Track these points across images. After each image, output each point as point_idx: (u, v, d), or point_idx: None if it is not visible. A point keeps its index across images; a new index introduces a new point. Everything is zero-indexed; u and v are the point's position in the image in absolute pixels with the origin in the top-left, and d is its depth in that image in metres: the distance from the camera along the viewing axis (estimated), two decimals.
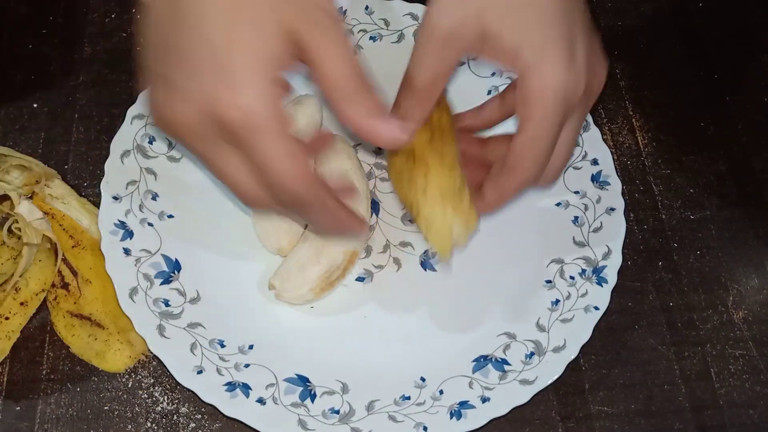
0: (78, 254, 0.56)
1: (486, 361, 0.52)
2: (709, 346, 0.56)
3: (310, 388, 0.51)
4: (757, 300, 0.58)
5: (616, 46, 0.68)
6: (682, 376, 0.55)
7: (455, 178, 0.48)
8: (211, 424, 0.51)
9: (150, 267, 0.54)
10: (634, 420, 0.53)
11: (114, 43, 0.66)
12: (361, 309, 0.55)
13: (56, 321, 0.54)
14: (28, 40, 0.65)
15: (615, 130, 0.64)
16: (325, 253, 0.53)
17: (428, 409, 0.50)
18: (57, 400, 0.52)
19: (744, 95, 0.67)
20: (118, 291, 0.52)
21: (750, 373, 0.55)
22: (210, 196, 0.58)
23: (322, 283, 0.53)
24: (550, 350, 0.52)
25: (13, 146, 0.60)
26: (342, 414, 0.50)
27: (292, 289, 0.53)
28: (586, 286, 0.55)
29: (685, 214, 0.61)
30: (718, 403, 0.54)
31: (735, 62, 0.68)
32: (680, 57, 0.68)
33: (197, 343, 0.51)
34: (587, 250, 0.56)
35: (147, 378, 0.53)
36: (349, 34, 0.41)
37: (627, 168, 0.63)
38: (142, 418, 0.52)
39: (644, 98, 0.66)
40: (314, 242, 0.53)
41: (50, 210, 0.57)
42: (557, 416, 0.53)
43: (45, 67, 0.64)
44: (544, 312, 0.54)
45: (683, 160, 0.63)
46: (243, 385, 0.50)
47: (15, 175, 0.57)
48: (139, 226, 0.55)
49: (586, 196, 0.58)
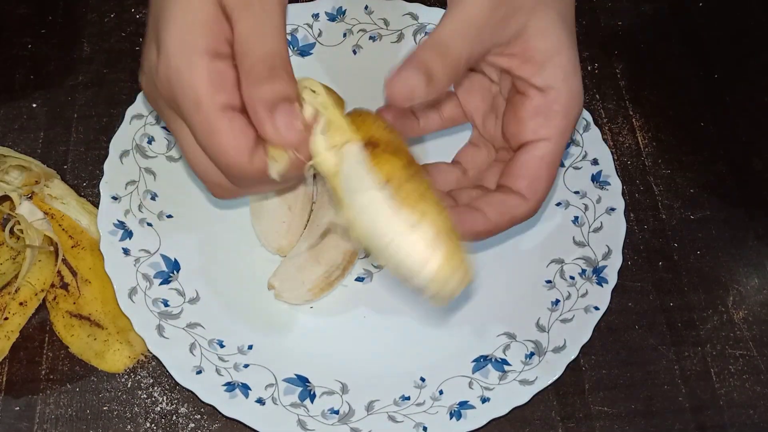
0: (77, 254, 0.56)
1: (486, 361, 0.52)
2: (709, 347, 0.56)
3: (310, 388, 0.51)
4: (757, 300, 0.58)
5: (616, 46, 0.68)
6: (682, 376, 0.55)
7: (446, 213, 0.41)
8: (210, 424, 0.51)
9: (149, 267, 0.54)
10: (634, 420, 0.53)
11: (113, 43, 0.66)
12: (361, 309, 0.55)
13: (55, 321, 0.54)
14: (27, 40, 0.65)
15: (615, 130, 0.64)
16: (325, 253, 0.53)
17: (428, 410, 0.50)
18: (56, 401, 0.52)
19: (744, 95, 0.67)
20: (117, 291, 0.52)
21: (750, 374, 0.55)
22: (209, 196, 0.58)
23: (321, 283, 0.53)
24: (550, 350, 0.52)
25: (12, 146, 0.60)
26: (341, 414, 0.50)
27: (292, 289, 0.53)
28: (586, 286, 0.54)
29: (686, 214, 0.61)
30: (718, 403, 0.54)
31: (735, 62, 0.68)
32: (680, 57, 0.68)
33: (196, 344, 0.51)
34: (587, 250, 0.56)
35: (146, 378, 0.53)
36: (279, 16, 0.40)
37: (627, 168, 0.63)
38: (141, 418, 0.51)
39: (644, 98, 0.66)
40: (314, 242, 0.53)
41: (49, 210, 0.57)
42: (557, 416, 0.53)
43: (44, 67, 0.64)
44: (544, 312, 0.54)
45: (683, 160, 0.63)
46: (242, 385, 0.50)
47: (14, 176, 0.57)
48: (139, 226, 0.55)
49: (586, 196, 0.58)
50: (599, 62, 0.68)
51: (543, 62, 0.43)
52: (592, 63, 0.67)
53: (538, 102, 0.44)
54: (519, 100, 0.45)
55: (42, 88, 0.63)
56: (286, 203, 0.55)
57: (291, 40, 0.63)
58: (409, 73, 0.40)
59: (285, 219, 0.54)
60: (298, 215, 0.55)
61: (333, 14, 0.64)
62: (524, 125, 0.44)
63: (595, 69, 0.67)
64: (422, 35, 0.64)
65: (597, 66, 0.67)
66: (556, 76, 0.43)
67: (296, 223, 0.55)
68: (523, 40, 0.43)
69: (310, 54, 0.64)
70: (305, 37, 0.64)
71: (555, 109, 0.44)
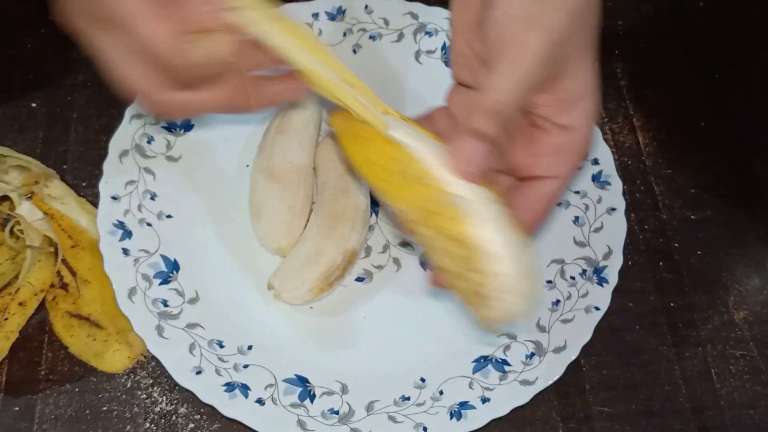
0: (77, 254, 0.56)
1: (486, 361, 0.52)
2: (710, 347, 0.56)
3: (310, 388, 0.51)
4: (758, 300, 0.58)
5: (616, 46, 0.68)
6: (682, 376, 0.55)
7: None
8: (210, 424, 0.51)
9: (149, 267, 0.53)
10: (634, 420, 0.53)
11: None
12: (361, 309, 0.55)
13: (55, 321, 0.54)
14: (27, 40, 0.65)
15: (615, 130, 0.64)
16: (324, 254, 0.53)
17: (428, 410, 0.50)
18: (56, 401, 0.52)
19: (744, 95, 0.67)
20: (116, 291, 0.52)
21: (751, 374, 0.55)
22: (209, 196, 0.58)
23: (321, 283, 0.53)
24: (550, 351, 0.52)
25: (12, 146, 0.60)
26: (341, 414, 0.50)
27: (291, 289, 0.52)
28: (587, 286, 0.54)
29: (686, 214, 0.61)
30: (719, 403, 0.54)
31: (735, 62, 0.68)
32: (680, 57, 0.68)
33: (196, 344, 0.51)
34: (588, 250, 0.56)
35: (146, 378, 0.53)
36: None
37: (628, 168, 0.63)
38: (140, 418, 0.51)
39: (644, 98, 0.66)
40: (313, 242, 0.53)
41: (49, 210, 0.56)
42: (558, 417, 0.53)
43: (43, 66, 0.64)
44: (544, 312, 0.54)
45: (684, 160, 0.63)
46: (242, 385, 0.50)
47: (14, 176, 0.57)
48: (138, 226, 0.55)
49: (587, 196, 0.58)
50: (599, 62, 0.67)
51: (571, 102, 0.43)
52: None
53: (558, 140, 0.43)
54: (536, 135, 0.44)
55: (42, 88, 0.63)
56: (285, 203, 0.55)
57: None
58: (470, 146, 0.41)
59: (285, 219, 0.54)
60: (298, 215, 0.55)
61: (333, 13, 0.64)
62: (539, 160, 0.44)
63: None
64: (422, 35, 0.64)
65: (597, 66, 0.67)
66: (581, 118, 0.43)
67: (296, 223, 0.55)
68: (556, 80, 0.42)
69: None
70: None
71: (573, 150, 0.44)
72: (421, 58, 0.64)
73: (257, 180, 0.56)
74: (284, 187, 0.55)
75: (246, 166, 0.59)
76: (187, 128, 0.59)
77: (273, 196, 0.55)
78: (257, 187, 0.56)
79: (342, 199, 0.55)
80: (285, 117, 0.58)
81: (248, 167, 0.59)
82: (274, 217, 0.54)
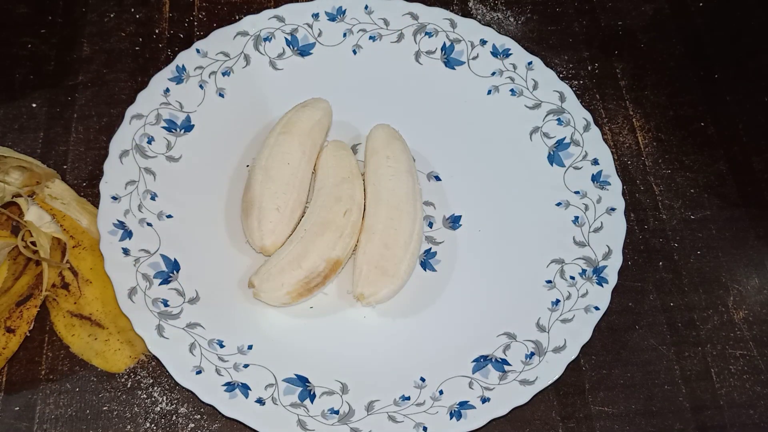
0: (78, 254, 0.56)
1: (486, 361, 0.52)
2: (710, 346, 0.56)
3: (310, 388, 0.51)
4: (757, 300, 0.58)
5: (616, 46, 0.68)
6: (682, 376, 0.55)
7: None
8: (210, 424, 0.51)
9: (149, 267, 0.53)
10: (634, 420, 0.53)
11: (113, 42, 0.66)
12: (361, 309, 0.55)
13: (56, 321, 0.54)
14: (27, 40, 0.65)
15: (615, 130, 0.64)
16: (307, 259, 0.52)
17: (428, 410, 0.50)
18: (56, 401, 0.52)
19: (744, 95, 0.67)
20: (116, 291, 0.52)
21: (750, 373, 0.55)
22: (209, 196, 0.58)
23: (300, 288, 0.52)
24: (550, 350, 0.52)
25: (12, 146, 0.60)
26: (341, 414, 0.50)
27: (270, 290, 0.52)
28: (587, 286, 0.54)
29: (686, 214, 0.61)
30: (719, 403, 0.54)
31: (735, 62, 0.68)
32: (680, 57, 0.68)
33: (196, 344, 0.51)
34: (587, 250, 0.56)
35: (146, 378, 0.53)
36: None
37: (627, 168, 0.63)
38: (141, 418, 0.51)
39: (644, 98, 0.66)
40: (298, 247, 0.53)
41: (50, 210, 0.56)
42: (557, 416, 0.53)
43: (44, 66, 0.64)
44: (544, 312, 0.54)
45: (683, 160, 0.63)
46: (242, 385, 0.50)
47: (15, 176, 0.57)
48: (138, 226, 0.55)
49: (587, 196, 0.58)
50: (599, 62, 0.68)
51: None
52: (592, 63, 0.67)
53: None
54: None
55: (42, 87, 0.63)
56: (275, 204, 0.54)
57: (291, 40, 0.63)
58: None
59: (272, 219, 0.54)
60: (286, 217, 0.55)
61: (333, 14, 0.64)
62: None
63: (595, 69, 0.67)
64: (422, 35, 0.64)
65: (597, 66, 0.67)
66: None
67: (283, 225, 0.54)
68: None
69: (310, 54, 0.64)
70: (305, 37, 0.64)
71: None
72: (421, 59, 0.64)
73: (253, 176, 0.56)
74: (277, 187, 0.55)
75: (246, 166, 0.59)
76: (187, 128, 0.59)
77: (264, 195, 0.54)
78: (252, 184, 0.55)
79: (334, 206, 0.55)
80: (292, 118, 0.58)
81: (248, 167, 0.59)
82: (261, 217, 0.54)
